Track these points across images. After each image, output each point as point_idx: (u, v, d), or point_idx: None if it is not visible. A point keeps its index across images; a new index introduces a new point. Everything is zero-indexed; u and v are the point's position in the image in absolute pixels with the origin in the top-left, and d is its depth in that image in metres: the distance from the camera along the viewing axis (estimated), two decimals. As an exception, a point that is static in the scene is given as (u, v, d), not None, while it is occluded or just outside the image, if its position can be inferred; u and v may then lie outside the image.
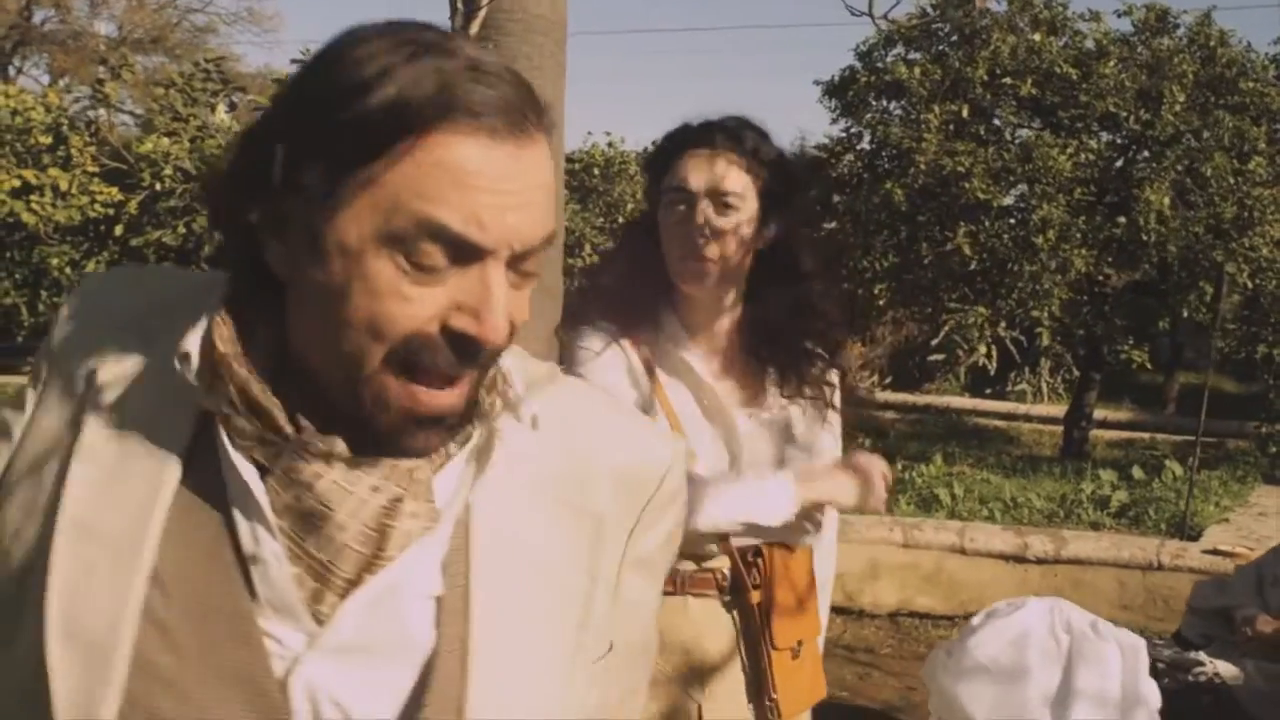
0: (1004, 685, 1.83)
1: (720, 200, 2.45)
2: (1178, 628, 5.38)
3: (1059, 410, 14.22)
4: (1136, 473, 10.45)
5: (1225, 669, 4.88)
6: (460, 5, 8.39)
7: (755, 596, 2.55)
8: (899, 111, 12.56)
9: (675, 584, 2.49)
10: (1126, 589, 7.68)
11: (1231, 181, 11.05)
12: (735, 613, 2.58)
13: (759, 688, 2.57)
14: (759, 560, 2.53)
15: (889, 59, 12.65)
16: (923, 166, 11.32)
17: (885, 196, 11.64)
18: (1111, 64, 11.78)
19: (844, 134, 13.18)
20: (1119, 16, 12.45)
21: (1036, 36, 11.85)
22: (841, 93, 12.92)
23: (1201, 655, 4.98)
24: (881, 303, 13.15)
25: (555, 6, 11.71)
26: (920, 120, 11.56)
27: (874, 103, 12.75)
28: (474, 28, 10.13)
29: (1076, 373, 14.36)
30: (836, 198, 12.46)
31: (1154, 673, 4.93)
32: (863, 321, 14.52)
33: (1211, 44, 12.37)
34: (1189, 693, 4.82)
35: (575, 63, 12.12)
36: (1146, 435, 14.10)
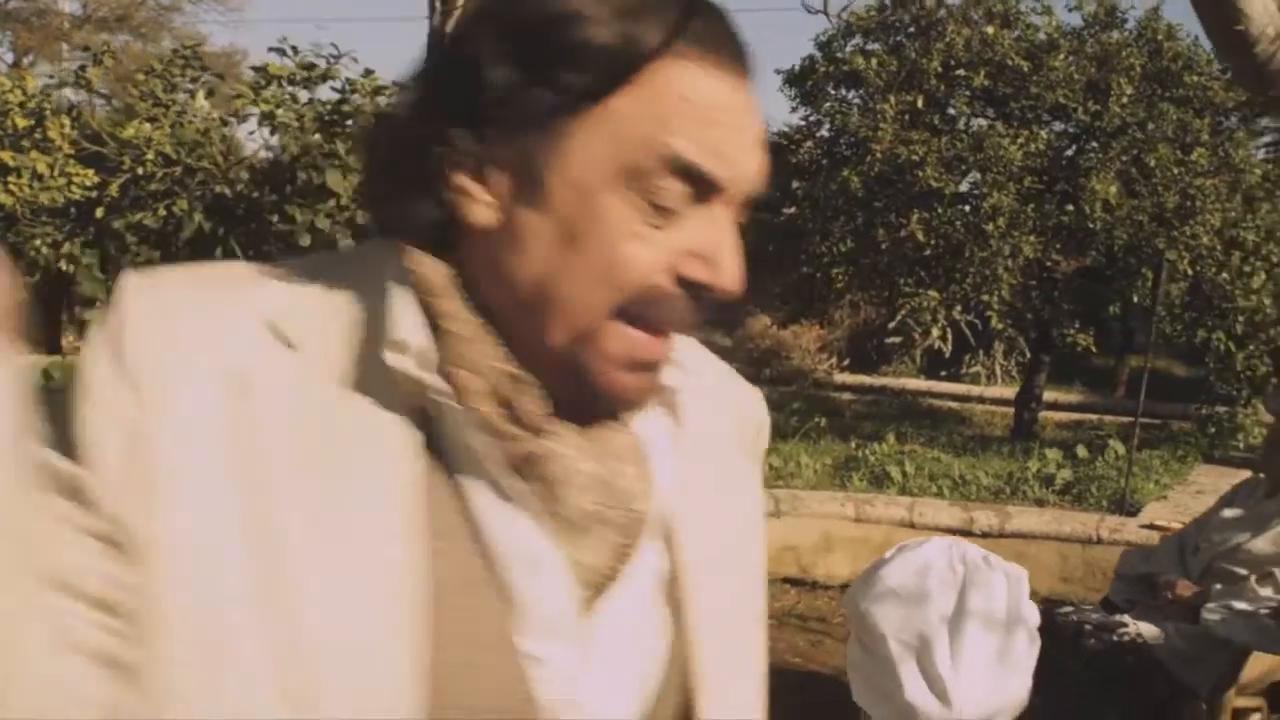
0: (909, 607, 2.14)
1: None
2: (1106, 594, 5.72)
3: (1011, 392, 14.51)
4: (1081, 452, 10.76)
5: (1147, 630, 5.20)
6: (439, 3, 8.66)
7: None
8: (857, 101, 12.82)
9: None
10: (1067, 562, 8.00)
11: (1175, 172, 11.34)
12: None
13: None
14: None
15: (847, 50, 12.90)
16: (879, 155, 11.60)
17: (843, 183, 11.91)
18: (1062, 57, 12.09)
19: (803, 122, 13.50)
20: (1070, 10, 12.76)
21: (990, 29, 12.14)
22: (801, 82, 13.19)
23: (1126, 618, 5.31)
24: (839, 286, 13.35)
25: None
26: (877, 110, 11.85)
27: (832, 92, 13.02)
28: (449, 26, 10.29)
29: (1029, 355, 14.68)
30: (796, 184, 12.71)
31: (1082, 634, 5.27)
32: (821, 305, 14.75)
33: (1159, 38, 12.67)
34: (1114, 652, 5.14)
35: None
36: (1095, 417, 14.43)
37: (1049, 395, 14.34)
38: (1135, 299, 12.32)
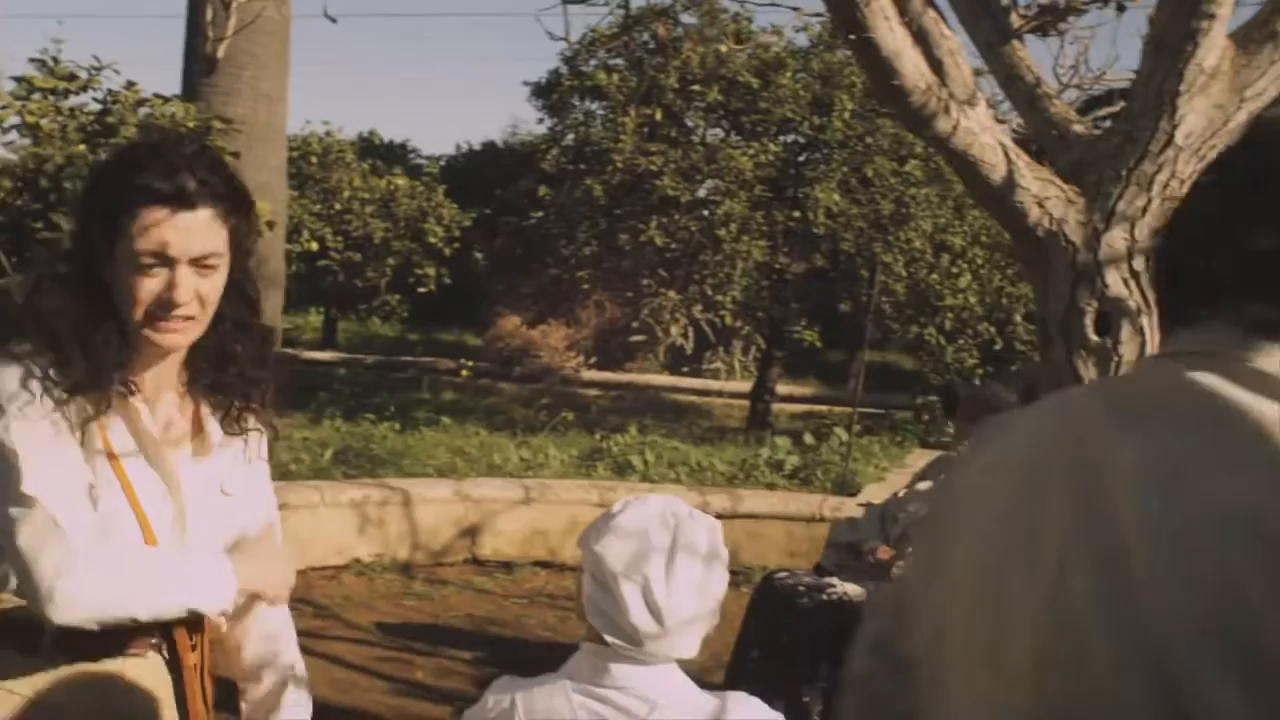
0: (632, 547, 2.72)
1: (204, 264, 2.25)
2: (818, 560, 6.40)
3: (749, 386, 15.21)
4: (808, 439, 11.53)
5: (853, 589, 5.84)
6: (211, 14, 8.94)
7: (193, 659, 2.42)
8: (600, 113, 13.37)
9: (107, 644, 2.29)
10: (793, 538, 8.66)
11: (891, 181, 12.14)
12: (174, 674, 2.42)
13: None
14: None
15: (591, 65, 13.43)
16: (620, 164, 12.16)
17: (587, 191, 12.42)
18: (789, 74, 12.75)
19: (549, 132, 14.01)
20: (796, 31, 13.58)
21: (723, 48, 12.67)
22: (548, 94, 13.71)
23: (834, 580, 5.95)
24: (585, 287, 13.89)
25: (281, 8, 12.24)
26: (619, 122, 12.39)
27: (577, 105, 13.57)
28: (229, 29, 10.53)
29: (764, 351, 15.42)
30: (543, 191, 13.22)
31: (796, 595, 5.91)
32: (568, 305, 15.27)
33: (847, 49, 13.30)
34: (823, 609, 5.72)
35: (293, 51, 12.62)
36: (826, 408, 15.21)
37: (785, 389, 15.09)
38: (864, 298, 13.16)
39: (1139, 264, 4.37)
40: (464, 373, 15.03)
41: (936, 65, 4.26)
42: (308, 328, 18.90)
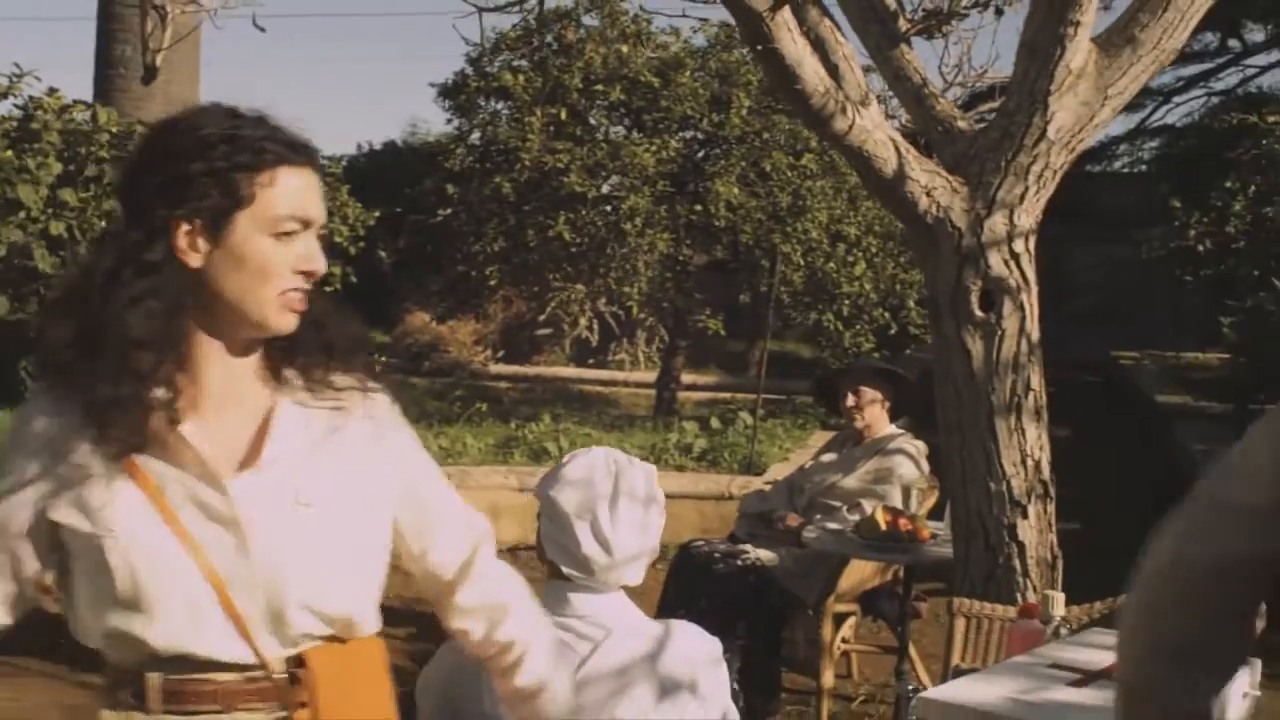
0: (581, 491, 3.14)
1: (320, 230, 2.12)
2: (732, 530, 6.84)
3: (653, 376, 15.60)
4: (714, 423, 11.97)
5: (765, 555, 6.27)
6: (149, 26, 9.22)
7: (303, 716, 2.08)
8: (506, 113, 13.67)
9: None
10: (705, 516, 9.06)
11: (788, 175, 12.55)
12: None
13: None
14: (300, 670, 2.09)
15: (496, 66, 13.76)
16: (527, 163, 12.46)
17: (495, 188, 12.71)
18: (688, 73, 13.12)
19: (457, 132, 14.32)
20: (694, 32, 13.78)
21: (624, 49, 13.11)
22: (455, 94, 14.02)
23: (747, 547, 6.39)
24: (493, 283, 14.16)
25: (170, 18, 12.39)
26: (525, 121, 12.71)
27: (483, 105, 13.88)
28: (165, 39, 10.77)
29: (668, 342, 15.83)
30: (451, 189, 13.53)
31: (712, 561, 6.33)
32: (476, 301, 15.56)
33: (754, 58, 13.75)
34: (738, 574, 6.13)
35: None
36: (729, 395, 15.67)
37: (688, 378, 15.49)
38: (763, 288, 13.60)
39: (1018, 246, 4.87)
40: (376, 368, 15.25)
41: (832, 69, 4.73)
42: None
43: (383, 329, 18.05)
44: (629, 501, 3.05)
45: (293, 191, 2.03)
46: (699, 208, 12.87)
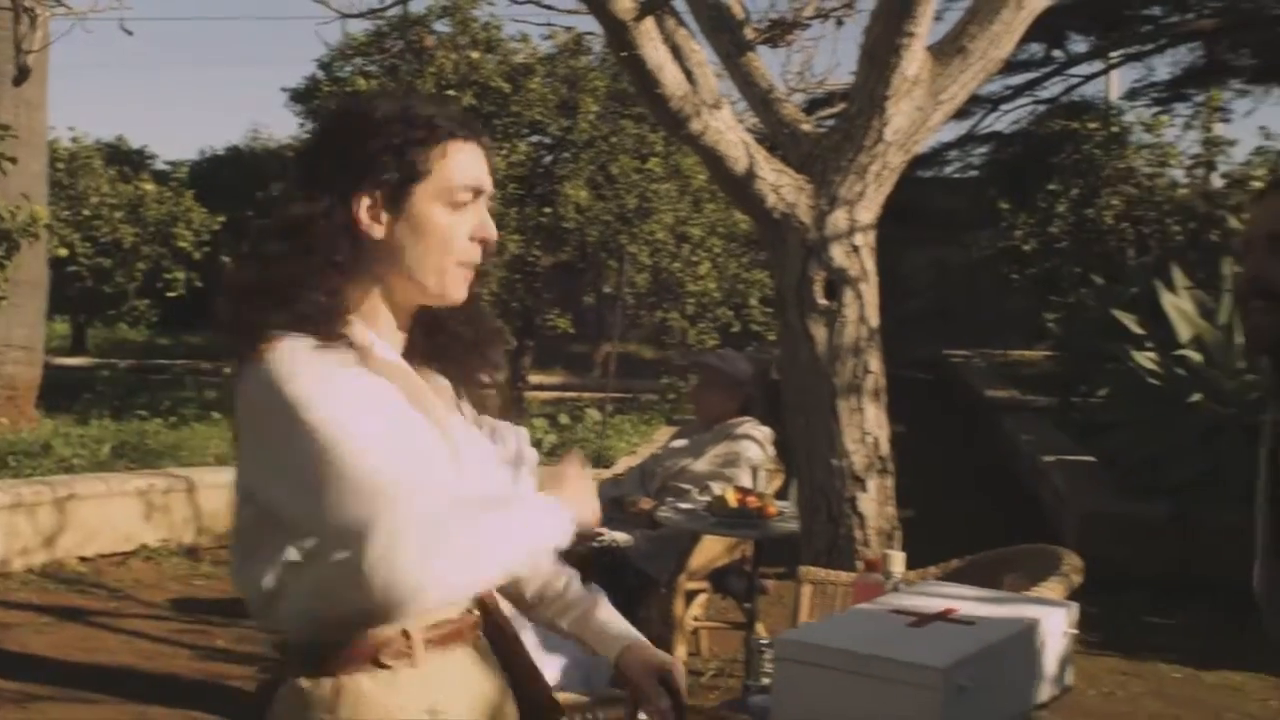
0: None
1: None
2: (587, 515, 7.12)
3: (500, 377, 15.84)
4: (563, 419, 12.29)
5: (620, 537, 6.57)
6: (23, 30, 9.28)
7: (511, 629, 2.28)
8: None
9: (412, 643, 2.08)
10: None
11: (635, 178, 12.85)
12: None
13: None
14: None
15: (347, 71, 13.89)
16: None
17: (348, 191, 12.86)
18: (537, 79, 13.34)
19: (306, 135, 14.39)
20: (543, 39, 13.99)
21: (474, 54, 13.20)
22: (307, 99, 14.12)
23: (603, 529, 6.71)
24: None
25: (40, 21, 12.47)
26: None
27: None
28: (36, 42, 10.86)
29: (515, 343, 16.09)
30: (304, 192, 13.57)
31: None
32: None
33: (618, 63, 14.09)
34: (593, 555, 6.44)
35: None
36: (575, 394, 15.95)
37: (535, 378, 15.77)
38: (607, 289, 13.92)
39: (858, 240, 5.27)
40: (228, 371, 15.28)
41: (688, 75, 5.08)
42: (54, 334, 18.81)
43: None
44: (501, 458, 3.36)
45: (465, 163, 2.17)
46: (548, 210, 13.13)
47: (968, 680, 3.05)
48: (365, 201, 2.08)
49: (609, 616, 2.51)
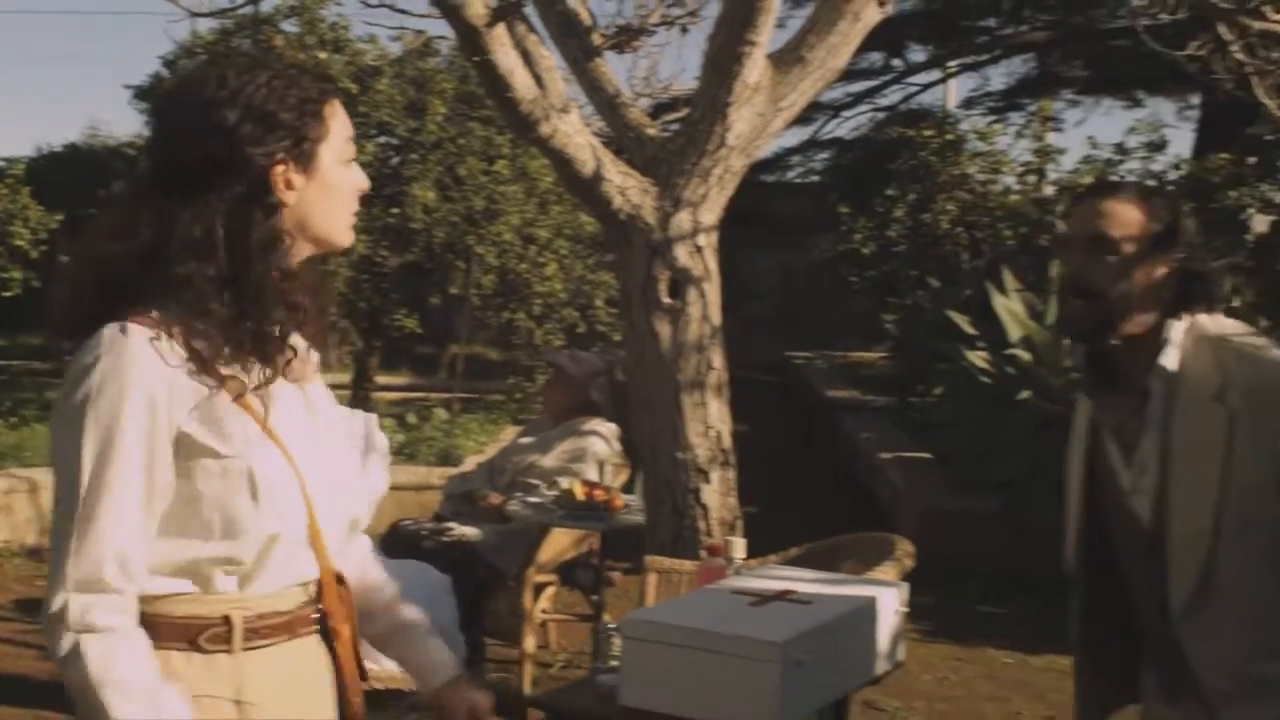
0: None
1: None
2: (437, 510, 7.26)
3: (347, 377, 15.78)
4: (411, 419, 12.34)
5: (469, 531, 6.70)
6: None
7: (347, 631, 2.31)
8: None
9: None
10: (404, 506, 9.30)
11: (482, 180, 12.95)
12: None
13: None
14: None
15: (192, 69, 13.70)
16: None
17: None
18: (385, 80, 13.35)
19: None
20: (391, 40, 13.97)
21: (322, 55, 13.10)
22: (151, 97, 13.97)
23: (452, 524, 6.84)
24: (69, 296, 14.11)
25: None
26: None
27: None
28: None
29: (362, 344, 16.04)
30: (147, 189, 13.43)
31: (419, 538, 6.74)
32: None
33: (466, 66, 14.25)
34: (444, 549, 6.53)
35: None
36: (423, 395, 15.95)
37: (382, 379, 15.74)
38: (454, 290, 13.97)
39: (702, 240, 5.46)
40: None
41: (537, 79, 5.23)
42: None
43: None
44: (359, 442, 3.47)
45: (345, 117, 2.25)
46: (395, 211, 13.16)
47: (805, 654, 3.24)
48: (279, 169, 2.14)
49: (433, 647, 2.53)
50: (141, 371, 2.03)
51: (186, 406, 2.07)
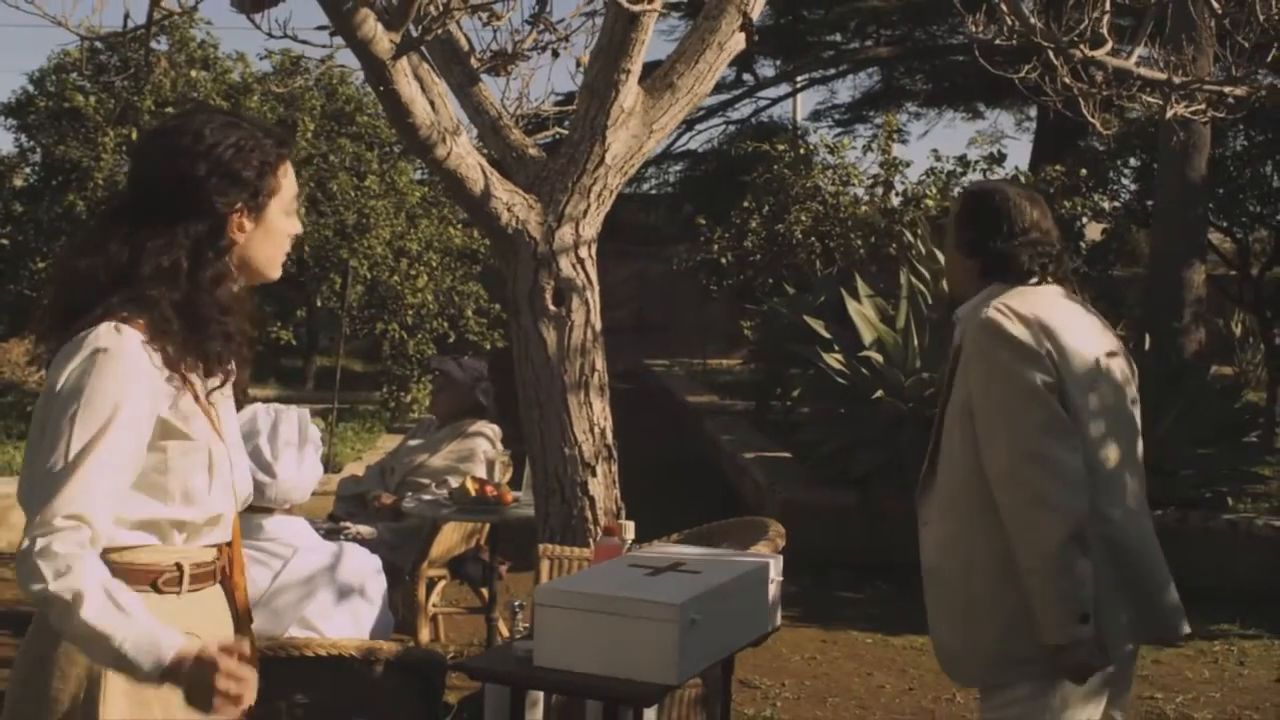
0: (246, 427, 3.87)
1: None
2: (331, 510, 7.58)
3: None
4: (289, 429, 12.56)
5: (365, 530, 7.04)
6: None
7: (240, 582, 2.81)
8: (81, 132, 13.71)
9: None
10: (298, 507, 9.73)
11: (352, 194, 13.26)
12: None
13: None
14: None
15: (60, 86, 13.81)
16: (100, 181, 12.72)
17: (68, 207, 12.92)
18: (255, 98, 13.60)
19: (20, 150, 14.25)
20: (260, 59, 14.24)
21: (193, 73, 13.36)
22: (20, 113, 14.00)
23: (348, 524, 7.16)
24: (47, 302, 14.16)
25: None
26: (98, 141, 12.94)
27: (52, 124, 13.89)
28: None
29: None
30: (19, 207, 13.54)
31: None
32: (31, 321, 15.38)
33: (335, 84, 14.48)
34: None
35: None
36: (296, 406, 16.12)
37: (251, 391, 15.93)
38: (320, 304, 14.22)
39: (583, 253, 5.90)
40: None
41: (431, 105, 5.62)
42: None
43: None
44: (285, 436, 3.87)
45: (293, 175, 2.74)
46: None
47: (698, 614, 3.68)
48: (236, 217, 2.62)
49: None
50: (138, 364, 2.47)
51: (166, 398, 2.53)
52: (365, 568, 3.95)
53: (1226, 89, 6.66)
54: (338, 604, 3.84)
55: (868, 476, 9.68)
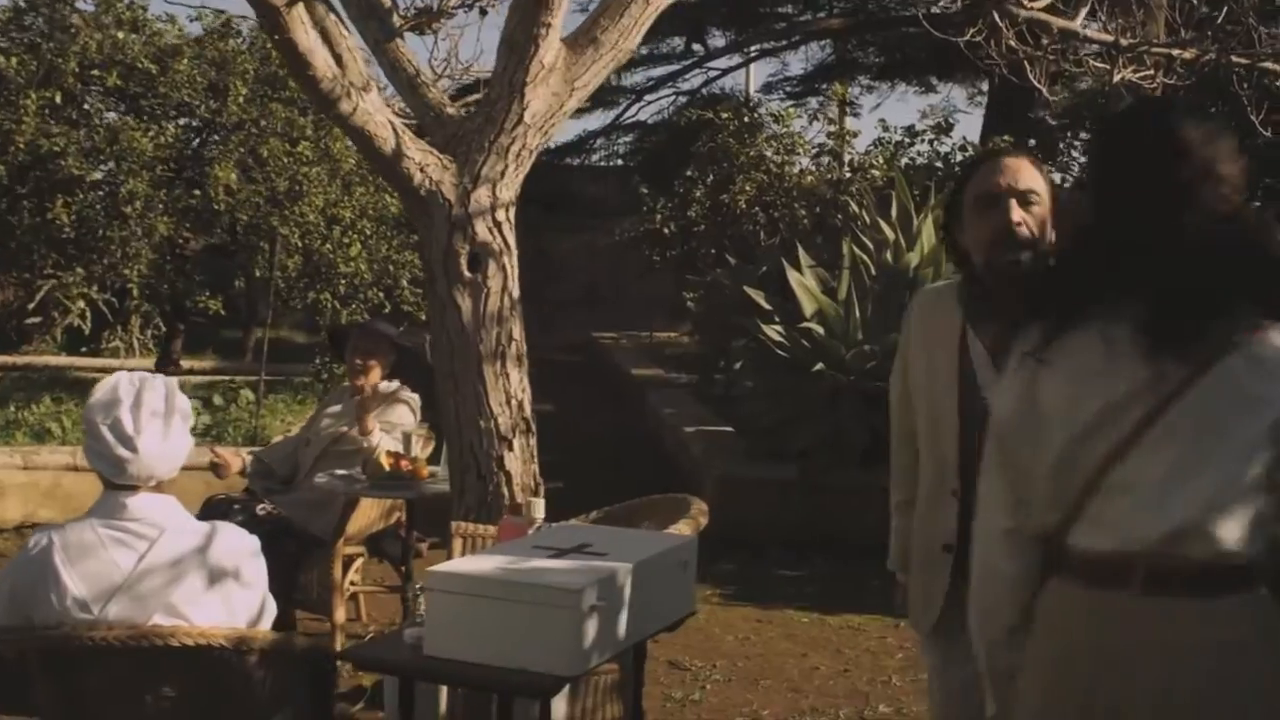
0: (106, 401, 3.53)
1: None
2: (247, 485, 7.32)
3: (151, 362, 15.61)
4: (216, 400, 12.31)
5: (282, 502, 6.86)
6: None
7: None
8: (2, 95, 13.34)
9: None
10: (212, 485, 9.37)
11: (285, 161, 12.92)
12: None
13: None
14: None
15: None
16: (22, 146, 12.36)
17: (-11, 170, 12.59)
18: (186, 61, 13.24)
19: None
20: (191, 21, 13.91)
21: (120, 35, 13.03)
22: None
23: (263, 499, 6.94)
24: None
25: None
26: (19, 104, 12.56)
27: None
28: None
29: (165, 328, 15.87)
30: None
31: (231, 512, 6.75)
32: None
33: (268, 46, 14.15)
34: (256, 522, 6.55)
35: None
36: (228, 378, 15.86)
37: (186, 363, 15.60)
38: (257, 274, 13.92)
39: (500, 216, 5.63)
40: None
41: (338, 59, 5.34)
42: None
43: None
44: (150, 407, 3.57)
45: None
46: (197, 192, 13.08)
47: (601, 600, 3.44)
48: None
49: None
50: None
51: None
52: (240, 549, 3.67)
53: (1174, 51, 6.44)
54: (209, 589, 3.56)
55: (807, 451, 9.46)
